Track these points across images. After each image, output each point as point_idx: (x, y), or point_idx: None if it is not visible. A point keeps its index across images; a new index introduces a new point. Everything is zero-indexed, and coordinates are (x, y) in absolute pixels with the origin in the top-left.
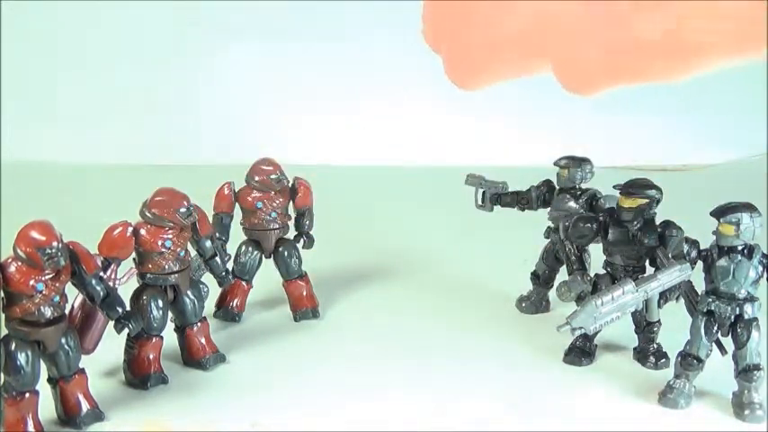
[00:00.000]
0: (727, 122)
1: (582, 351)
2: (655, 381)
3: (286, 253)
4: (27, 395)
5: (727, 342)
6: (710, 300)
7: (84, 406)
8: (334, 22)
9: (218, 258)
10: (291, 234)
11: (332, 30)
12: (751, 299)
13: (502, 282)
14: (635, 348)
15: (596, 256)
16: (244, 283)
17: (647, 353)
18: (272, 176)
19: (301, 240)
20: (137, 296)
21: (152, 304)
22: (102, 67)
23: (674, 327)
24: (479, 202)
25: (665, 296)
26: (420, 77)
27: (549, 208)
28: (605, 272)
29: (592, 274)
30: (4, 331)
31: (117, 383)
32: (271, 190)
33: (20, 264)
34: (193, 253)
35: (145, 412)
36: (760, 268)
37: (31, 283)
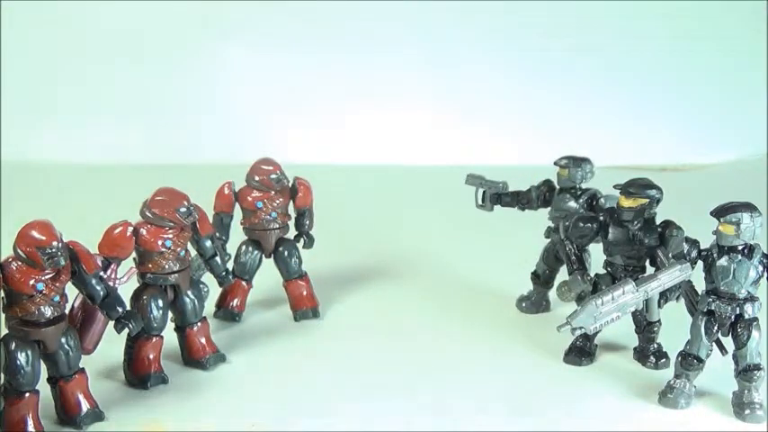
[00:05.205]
0: (728, 122)
1: (582, 351)
2: (655, 381)
3: (286, 253)
4: (27, 395)
5: (728, 342)
6: (711, 300)
7: (84, 406)
8: (335, 23)
9: (218, 258)
10: (291, 234)
11: (333, 30)
12: (751, 299)
13: (502, 282)
14: (635, 348)
15: (596, 256)
16: (244, 282)
17: (647, 353)
18: (273, 176)
19: (301, 240)
20: (137, 296)
21: (152, 304)
22: (101, 67)
23: (674, 327)
24: (479, 202)
25: (665, 296)
26: (421, 78)
27: (550, 208)
28: (605, 272)
29: (592, 274)
30: (5, 331)
31: (117, 383)
32: (271, 190)
33: (20, 263)
34: (193, 253)
35: (145, 412)
36: (760, 268)
37: (31, 282)
